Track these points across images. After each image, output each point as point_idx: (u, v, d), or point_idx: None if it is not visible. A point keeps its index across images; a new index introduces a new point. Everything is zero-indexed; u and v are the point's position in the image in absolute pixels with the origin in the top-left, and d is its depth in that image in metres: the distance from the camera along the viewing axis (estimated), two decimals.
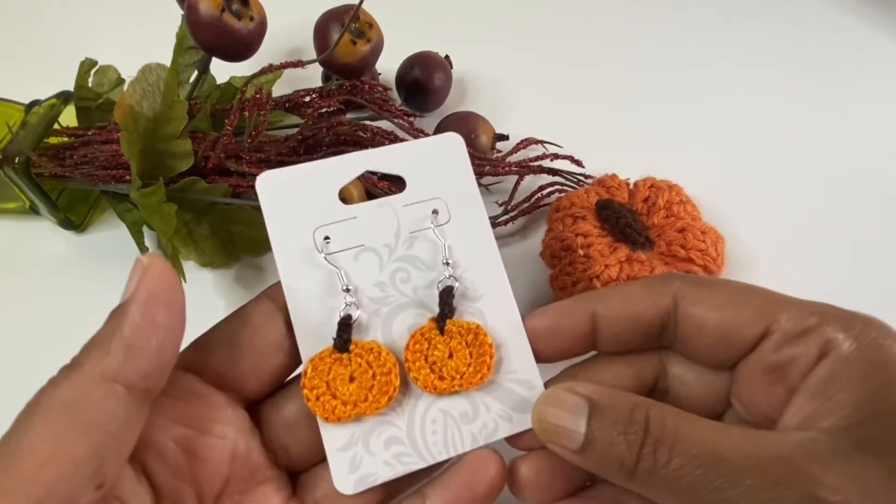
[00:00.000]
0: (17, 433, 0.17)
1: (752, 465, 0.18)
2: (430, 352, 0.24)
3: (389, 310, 0.24)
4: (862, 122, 0.43)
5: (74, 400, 0.18)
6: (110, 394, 0.18)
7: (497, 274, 0.25)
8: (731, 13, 0.51)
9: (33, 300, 0.36)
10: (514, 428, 0.24)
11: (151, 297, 0.19)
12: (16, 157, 0.34)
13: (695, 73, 0.46)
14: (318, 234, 0.24)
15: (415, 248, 0.25)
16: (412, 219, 0.25)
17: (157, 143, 0.33)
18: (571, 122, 0.43)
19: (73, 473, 0.17)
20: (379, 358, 0.23)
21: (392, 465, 0.23)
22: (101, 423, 0.18)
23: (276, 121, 0.40)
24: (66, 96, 0.37)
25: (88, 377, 0.18)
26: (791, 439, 0.19)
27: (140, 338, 0.19)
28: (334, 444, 0.23)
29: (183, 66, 0.38)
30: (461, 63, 0.43)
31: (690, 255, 0.32)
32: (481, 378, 0.24)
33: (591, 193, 0.35)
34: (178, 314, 0.20)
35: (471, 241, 0.25)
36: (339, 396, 0.23)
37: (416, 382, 0.23)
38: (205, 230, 0.36)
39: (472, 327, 0.24)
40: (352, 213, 0.25)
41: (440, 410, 0.24)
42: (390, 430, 0.23)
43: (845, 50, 0.48)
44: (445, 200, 0.25)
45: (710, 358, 0.23)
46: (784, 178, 0.40)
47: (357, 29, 0.36)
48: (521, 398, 0.24)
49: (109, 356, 0.18)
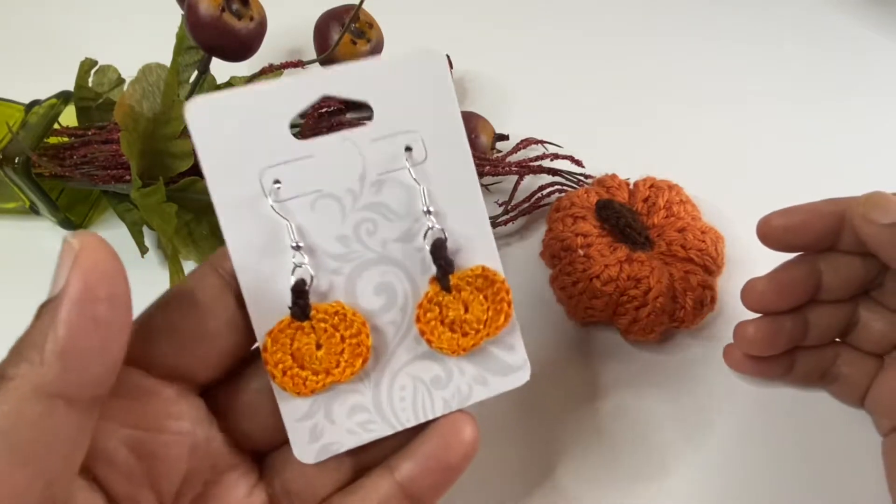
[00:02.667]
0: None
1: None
2: (444, 314, 0.21)
3: (353, 268, 0.21)
4: (863, 122, 0.43)
5: (6, 422, 0.15)
6: (49, 410, 0.15)
7: (482, 225, 0.22)
8: (732, 14, 0.51)
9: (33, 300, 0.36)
10: (489, 392, 0.22)
11: (88, 289, 0.16)
12: (16, 157, 0.34)
13: (695, 73, 0.46)
14: (267, 177, 0.20)
15: (383, 194, 0.21)
16: (381, 157, 0.21)
17: (157, 143, 0.33)
18: (571, 122, 0.43)
19: (32, 499, 0.15)
20: (345, 319, 0.21)
21: (356, 433, 0.21)
22: (43, 444, 0.15)
23: None
24: (66, 96, 0.37)
25: (19, 394, 0.15)
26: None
27: (78, 340, 0.16)
28: (293, 416, 0.21)
29: (183, 66, 0.38)
30: (461, 63, 0.43)
31: (690, 255, 0.33)
32: (506, 318, 0.22)
33: (591, 193, 0.35)
34: (122, 305, 0.17)
35: (453, 186, 0.21)
36: (308, 366, 0.20)
37: (442, 350, 0.21)
38: (205, 230, 0.36)
39: (477, 271, 0.22)
40: (307, 150, 0.20)
41: (410, 376, 0.22)
42: (354, 397, 0.21)
43: (846, 50, 0.48)
44: (421, 134, 0.21)
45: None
46: (784, 178, 0.40)
47: (357, 29, 0.36)
48: (500, 361, 0.22)
49: (43, 366, 0.15)
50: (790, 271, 0.29)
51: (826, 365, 0.30)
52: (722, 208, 0.37)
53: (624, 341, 0.34)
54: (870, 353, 0.30)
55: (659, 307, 0.31)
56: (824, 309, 0.29)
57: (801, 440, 0.30)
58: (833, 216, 0.27)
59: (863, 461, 0.29)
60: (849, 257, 0.28)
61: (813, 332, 0.29)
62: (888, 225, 0.25)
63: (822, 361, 0.30)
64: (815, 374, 0.31)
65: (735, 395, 0.32)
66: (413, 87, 0.21)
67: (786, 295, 0.29)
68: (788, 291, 0.28)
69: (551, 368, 0.33)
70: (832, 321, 0.29)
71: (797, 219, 0.28)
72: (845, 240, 0.27)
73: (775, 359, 0.30)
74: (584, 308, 0.32)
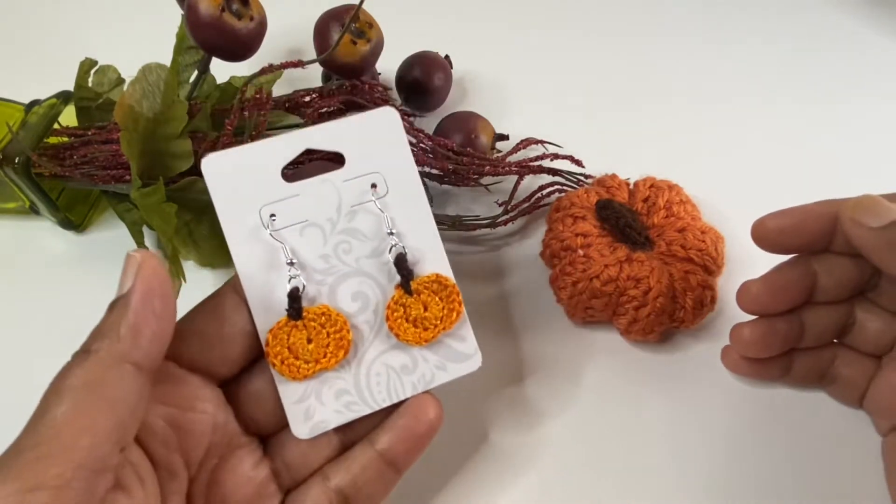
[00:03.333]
0: (49, 412, 0.19)
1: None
2: (407, 313, 0.26)
3: (334, 279, 0.26)
4: (863, 122, 0.43)
5: (96, 380, 0.20)
6: (124, 373, 0.21)
7: (434, 240, 0.27)
8: (732, 14, 0.51)
9: (33, 300, 0.36)
10: (449, 376, 0.27)
11: (149, 288, 0.22)
12: (16, 157, 0.34)
13: (695, 73, 0.46)
14: (265, 212, 0.26)
15: (356, 221, 0.27)
16: (352, 193, 0.27)
17: (157, 143, 0.33)
18: (571, 122, 0.43)
19: (104, 441, 0.19)
20: (330, 319, 0.26)
21: (341, 412, 0.26)
22: (120, 398, 0.20)
23: (276, 121, 0.40)
24: (66, 96, 0.37)
25: (104, 360, 0.20)
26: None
27: (144, 324, 0.21)
28: (290, 398, 0.25)
29: (183, 66, 0.38)
30: (461, 63, 0.43)
31: (690, 255, 0.33)
32: (457, 315, 0.27)
33: (591, 193, 0.35)
34: (170, 304, 0.22)
35: (409, 212, 0.27)
36: (301, 357, 0.25)
37: (409, 342, 0.26)
38: (205, 230, 0.36)
39: (433, 277, 0.27)
40: (295, 190, 0.26)
41: (383, 364, 0.26)
42: (339, 383, 0.26)
43: (847, 51, 0.48)
44: (384, 174, 0.27)
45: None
46: (784, 178, 0.40)
47: (357, 29, 0.36)
48: (455, 350, 0.27)
49: (120, 341, 0.21)
50: (785, 273, 0.29)
51: (824, 366, 0.30)
52: (722, 208, 0.37)
53: (624, 341, 0.34)
54: (867, 353, 0.30)
55: (659, 307, 0.31)
56: (820, 310, 0.29)
57: (801, 440, 0.30)
58: (827, 218, 0.27)
59: (863, 461, 0.29)
60: (843, 258, 0.28)
61: (809, 334, 0.29)
62: (877, 228, 0.25)
63: (819, 363, 0.30)
64: (814, 376, 0.31)
65: (735, 396, 0.32)
66: (374, 138, 0.27)
67: (780, 297, 0.29)
68: (783, 293, 0.29)
69: (551, 368, 0.33)
70: (828, 322, 0.29)
71: (791, 221, 0.28)
72: (840, 241, 0.28)
73: (772, 360, 0.30)
74: (584, 308, 0.32)
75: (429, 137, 0.36)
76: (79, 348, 0.21)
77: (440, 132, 0.38)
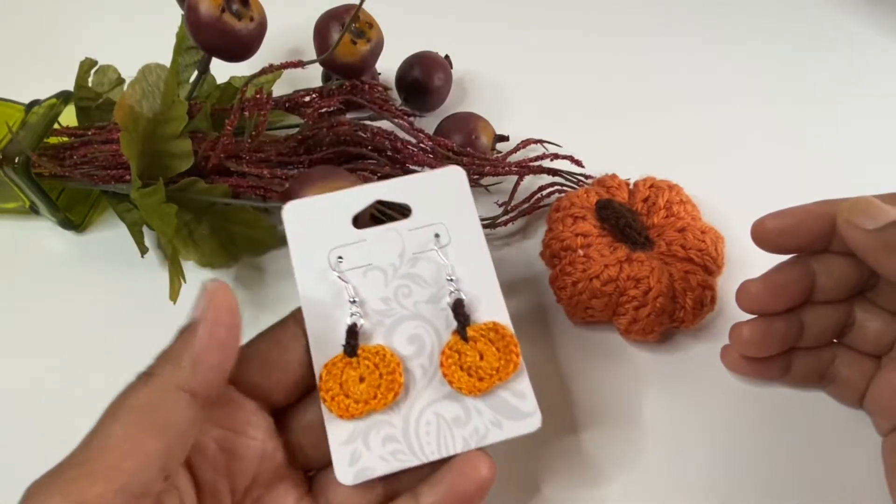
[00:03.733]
0: (103, 429, 0.20)
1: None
2: (462, 360, 0.26)
3: (392, 321, 0.27)
4: (863, 122, 0.43)
5: (150, 404, 0.21)
6: (179, 400, 0.21)
7: (493, 290, 0.27)
8: (732, 14, 0.51)
9: (33, 300, 0.36)
10: (504, 434, 0.25)
11: (217, 320, 0.22)
12: (16, 157, 0.34)
13: (695, 73, 0.46)
14: (333, 255, 0.27)
15: (417, 268, 0.27)
16: (416, 242, 0.28)
17: (157, 143, 0.33)
18: (571, 122, 0.43)
19: (149, 465, 0.20)
20: (384, 359, 0.26)
21: (388, 460, 0.25)
22: (171, 425, 0.21)
23: (276, 121, 0.40)
24: (66, 96, 0.37)
25: (163, 386, 0.21)
26: None
27: (207, 354, 0.22)
28: (337, 439, 0.25)
29: (183, 66, 0.38)
30: (461, 63, 0.43)
31: (690, 255, 0.32)
32: (514, 367, 0.26)
33: (591, 193, 0.35)
34: (236, 335, 0.23)
35: (469, 262, 0.27)
36: (352, 395, 0.25)
37: (462, 391, 0.26)
38: (205, 230, 0.36)
39: (490, 326, 0.26)
40: (363, 236, 0.27)
41: (434, 413, 0.26)
42: (387, 428, 0.25)
43: (846, 50, 0.48)
44: (447, 225, 0.28)
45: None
46: (784, 178, 0.40)
47: (357, 29, 0.36)
48: (513, 406, 0.26)
49: (181, 369, 0.21)
50: (784, 273, 0.29)
51: (824, 366, 0.30)
52: (722, 208, 0.37)
53: (624, 341, 0.34)
54: (867, 353, 0.30)
55: (659, 307, 0.31)
56: (820, 310, 0.29)
57: (802, 440, 0.30)
58: (825, 218, 0.27)
59: (863, 461, 0.29)
60: (842, 258, 0.28)
61: (809, 334, 0.29)
62: (872, 231, 0.25)
63: (819, 363, 0.30)
64: (813, 376, 0.31)
65: (735, 396, 0.32)
66: (440, 192, 0.28)
67: (780, 296, 0.29)
68: (782, 293, 0.29)
69: (551, 368, 0.33)
70: (828, 322, 0.29)
71: (790, 221, 0.28)
72: (838, 242, 0.27)
73: (772, 360, 0.30)
74: (584, 308, 0.32)
75: (429, 137, 0.36)
76: (144, 369, 0.22)
77: (440, 132, 0.38)
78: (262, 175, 0.34)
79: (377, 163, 0.35)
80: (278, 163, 0.36)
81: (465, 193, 0.28)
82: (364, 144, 0.35)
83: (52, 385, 0.33)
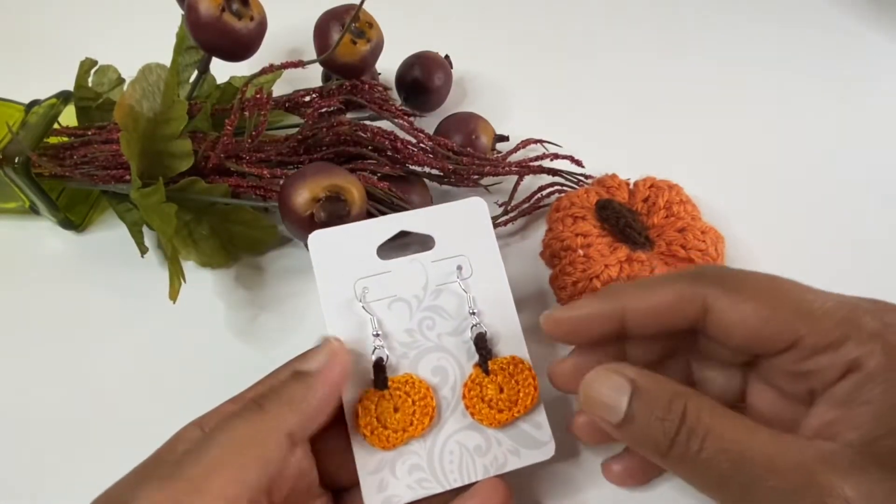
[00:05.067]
0: (205, 451, 0.22)
1: (775, 468, 0.20)
2: (483, 393, 0.27)
3: (416, 353, 0.28)
4: (862, 121, 0.43)
5: (257, 439, 0.22)
6: (283, 442, 0.23)
7: (513, 324, 0.28)
8: (732, 14, 0.51)
9: (33, 300, 0.36)
10: (522, 462, 0.27)
11: (334, 382, 0.25)
12: (16, 157, 0.34)
13: (695, 73, 0.46)
14: (358, 286, 0.28)
15: (440, 300, 0.28)
16: (439, 273, 0.28)
17: (157, 143, 0.33)
18: (571, 122, 0.43)
19: (244, 494, 0.21)
20: (414, 387, 0.27)
21: (413, 488, 0.26)
22: (272, 460, 0.22)
23: (276, 121, 0.40)
24: (66, 96, 0.37)
25: (272, 425, 0.23)
26: (813, 448, 0.20)
27: (319, 413, 0.24)
28: (366, 469, 0.26)
29: (183, 66, 0.38)
30: (461, 63, 0.43)
31: (690, 255, 0.32)
32: (532, 400, 0.27)
33: (591, 193, 0.35)
34: (339, 394, 0.25)
35: (490, 295, 0.28)
36: (389, 426, 0.26)
37: (483, 423, 0.27)
38: (205, 230, 0.36)
39: (510, 360, 0.27)
40: (387, 267, 0.28)
41: (457, 443, 0.27)
42: (413, 458, 0.26)
43: (845, 50, 0.48)
44: (469, 257, 0.28)
45: (730, 361, 0.25)
46: (784, 178, 0.40)
47: (357, 29, 0.36)
48: (530, 436, 0.27)
49: (292, 415, 0.23)
50: (596, 354, 0.27)
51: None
52: (722, 208, 0.37)
53: None
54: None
55: None
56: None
57: None
58: (610, 320, 0.25)
59: None
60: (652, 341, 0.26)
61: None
62: (617, 425, 0.22)
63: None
64: None
65: None
66: (462, 224, 0.29)
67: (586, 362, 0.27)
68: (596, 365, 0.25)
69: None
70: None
71: (573, 324, 0.26)
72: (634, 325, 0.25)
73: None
74: None
75: (429, 137, 0.36)
76: (253, 394, 0.24)
77: (440, 132, 0.38)
78: (261, 175, 0.34)
79: (377, 163, 0.35)
80: (278, 163, 0.36)
81: (487, 225, 0.29)
82: (364, 144, 0.35)
83: (52, 385, 0.33)
